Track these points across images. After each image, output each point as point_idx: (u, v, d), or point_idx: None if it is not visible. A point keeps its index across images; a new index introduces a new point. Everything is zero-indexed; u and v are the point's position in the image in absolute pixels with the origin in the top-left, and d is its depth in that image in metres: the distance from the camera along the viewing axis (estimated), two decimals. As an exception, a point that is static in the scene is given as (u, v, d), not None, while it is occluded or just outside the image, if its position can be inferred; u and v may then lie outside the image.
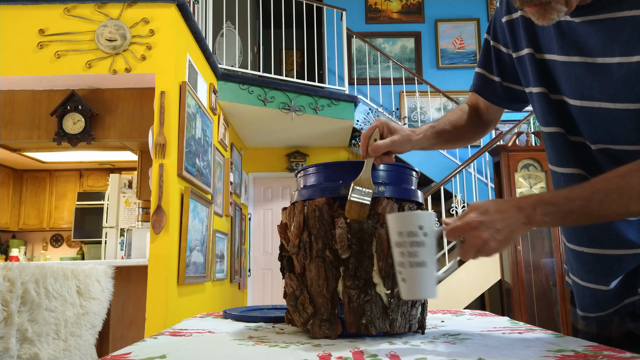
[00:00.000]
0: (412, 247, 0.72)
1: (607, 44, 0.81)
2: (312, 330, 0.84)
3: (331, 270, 0.83)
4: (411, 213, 0.75)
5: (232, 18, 5.46)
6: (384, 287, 0.82)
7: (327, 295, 0.83)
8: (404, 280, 0.74)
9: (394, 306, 0.82)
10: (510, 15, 0.99)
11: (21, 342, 1.07)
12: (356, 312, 0.81)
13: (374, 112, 5.74)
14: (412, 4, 6.88)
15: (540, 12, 0.79)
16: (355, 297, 0.81)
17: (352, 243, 0.82)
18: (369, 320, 0.81)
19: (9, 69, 3.12)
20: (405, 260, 0.73)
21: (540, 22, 0.81)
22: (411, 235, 0.72)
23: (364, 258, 0.82)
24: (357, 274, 0.82)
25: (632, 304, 0.90)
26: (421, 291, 0.73)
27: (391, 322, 0.82)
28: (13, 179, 6.25)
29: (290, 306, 0.89)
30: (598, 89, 0.84)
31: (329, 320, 0.82)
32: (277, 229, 0.95)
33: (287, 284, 0.90)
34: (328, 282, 0.83)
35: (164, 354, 0.69)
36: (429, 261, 0.72)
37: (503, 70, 1.07)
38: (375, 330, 0.81)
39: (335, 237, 0.82)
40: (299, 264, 0.87)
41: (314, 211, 0.85)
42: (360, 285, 0.81)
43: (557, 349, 0.70)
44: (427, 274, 0.72)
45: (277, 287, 6.23)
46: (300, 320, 0.86)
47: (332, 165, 0.91)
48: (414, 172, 0.94)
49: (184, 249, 3.14)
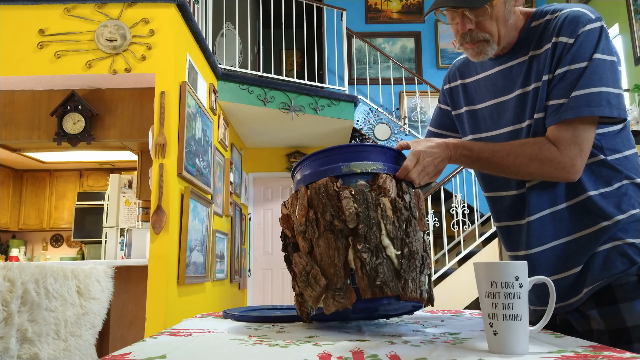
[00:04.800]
0: (507, 299, 0.70)
1: (524, 78, 1.08)
2: (325, 305, 0.85)
3: (341, 239, 0.85)
4: (507, 263, 0.71)
5: (232, 18, 5.46)
6: (394, 249, 0.84)
7: (339, 264, 0.84)
8: (495, 334, 0.70)
9: (405, 267, 0.84)
10: (449, 84, 1.28)
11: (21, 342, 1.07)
12: (369, 276, 0.82)
13: (374, 112, 5.74)
14: (412, 4, 6.87)
15: (476, 50, 1.07)
16: (367, 260, 0.82)
17: (358, 212, 0.85)
18: (383, 282, 0.82)
19: (9, 69, 3.12)
20: (498, 313, 0.70)
21: (476, 58, 1.09)
22: (506, 287, 0.70)
23: (372, 224, 0.85)
24: (367, 237, 0.84)
25: (575, 302, 1.05)
26: (515, 346, 0.69)
27: (403, 285, 0.84)
28: (13, 179, 6.25)
29: (300, 283, 0.89)
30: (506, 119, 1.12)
31: (342, 289, 0.83)
32: (279, 221, 0.98)
33: (297, 262, 0.91)
34: (339, 251, 0.85)
35: (164, 354, 0.69)
36: (524, 314, 0.70)
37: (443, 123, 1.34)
38: (390, 291, 0.82)
39: (342, 208, 0.86)
40: (306, 243, 0.89)
41: (318, 189, 0.88)
42: (372, 248, 0.83)
43: (557, 349, 0.70)
44: (522, 328, 0.69)
45: (277, 287, 6.23)
46: (312, 296, 0.86)
47: (329, 150, 0.95)
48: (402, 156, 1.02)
49: (184, 249, 3.14)
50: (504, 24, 1.06)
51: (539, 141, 1.02)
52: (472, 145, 1.06)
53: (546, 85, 1.03)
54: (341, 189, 0.87)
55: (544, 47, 1.05)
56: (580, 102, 0.97)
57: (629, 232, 1.01)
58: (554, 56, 1.02)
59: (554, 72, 1.02)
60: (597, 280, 1.02)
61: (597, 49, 0.99)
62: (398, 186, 0.92)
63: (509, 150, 1.03)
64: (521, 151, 1.02)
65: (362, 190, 0.88)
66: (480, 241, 4.89)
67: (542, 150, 1.00)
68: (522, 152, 1.01)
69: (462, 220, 5.05)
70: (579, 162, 0.99)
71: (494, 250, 4.80)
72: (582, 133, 0.99)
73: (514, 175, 1.06)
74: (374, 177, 0.90)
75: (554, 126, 1.01)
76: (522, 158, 1.01)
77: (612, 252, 1.01)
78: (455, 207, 5.02)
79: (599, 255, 1.02)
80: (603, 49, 0.99)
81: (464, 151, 1.05)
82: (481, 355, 0.68)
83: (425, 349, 0.72)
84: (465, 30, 1.05)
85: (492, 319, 0.71)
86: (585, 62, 0.98)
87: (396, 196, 0.90)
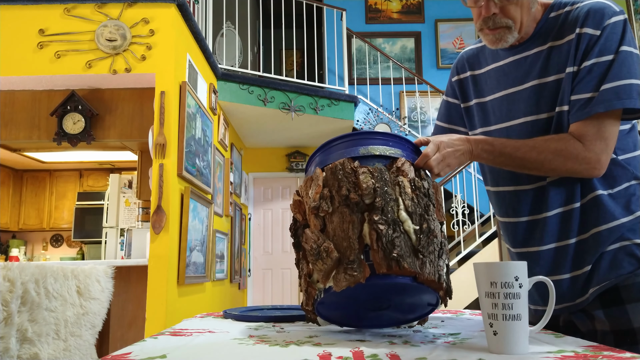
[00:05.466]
0: (506, 299, 0.70)
1: (541, 69, 1.06)
2: (336, 281, 0.79)
3: (356, 213, 0.80)
4: (507, 263, 0.71)
5: (232, 18, 5.46)
6: (412, 223, 0.80)
7: (353, 236, 0.79)
8: (495, 334, 0.70)
9: (423, 243, 0.80)
10: (458, 76, 1.26)
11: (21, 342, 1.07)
12: (385, 249, 0.77)
13: (374, 112, 5.74)
14: (412, 4, 6.87)
15: (496, 36, 1.04)
16: (384, 232, 0.77)
17: (376, 187, 0.81)
18: (400, 255, 0.77)
19: (9, 69, 3.12)
20: (498, 313, 0.70)
21: (494, 45, 1.07)
22: (506, 287, 0.70)
23: (389, 199, 0.81)
24: (384, 210, 0.79)
25: (581, 302, 1.04)
26: (515, 346, 0.69)
27: (421, 265, 0.79)
28: (13, 179, 6.24)
29: (310, 257, 0.83)
30: (520, 110, 1.10)
31: (355, 261, 0.78)
32: (290, 207, 0.94)
33: (307, 237, 0.84)
34: (353, 225, 0.79)
35: (164, 354, 0.69)
36: (524, 314, 0.70)
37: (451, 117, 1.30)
38: (407, 265, 0.77)
39: (359, 183, 0.81)
40: (318, 220, 0.83)
41: (334, 168, 0.84)
42: (389, 221, 0.79)
43: (557, 349, 0.70)
44: (522, 328, 0.70)
45: (277, 287, 6.23)
46: (323, 269, 0.80)
47: (347, 135, 0.91)
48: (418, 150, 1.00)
49: (184, 249, 3.14)
50: (528, 12, 1.04)
51: (563, 137, 1.00)
52: (494, 141, 1.04)
53: (570, 78, 1.01)
54: (358, 167, 0.84)
55: (565, 38, 1.03)
56: (610, 95, 0.96)
57: (636, 233, 1.01)
58: (578, 48, 1.00)
59: (579, 65, 1.00)
60: (604, 280, 1.01)
61: (623, 41, 0.97)
62: (416, 173, 0.88)
63: (532, 146, 1.01)
64: (545, 147, 1.00)
65: (380, 169, 0.84)
66: (480, 241, 4.89)
67: (567, 145, 0.98)
68: (546, 147, 1.00)
69: (462, 220, 5.05)
70: (605, 157, 0.98)
71: (494, 250, 4.80)
72: (608, 128, 0.97)
73: (537, 172, 1.04)
74: (392, 161, 0.86)
75: (579, 122, 0.99)
76: (546, 153, 0.99)
77: (620, 252, 1.00)
78: (455, 207, 5.03)
79: (606, 256, 1.01)
80: (629, 41, 0.98)
81: (486, 146, 1.03)
82: (481, 355, 0.68)
83: (425, 349, 0.72)
84: (489, 14, 1.02)
85: (492, 319, 0.71)
86: (612, 54, 0.97)
87: (415, 177, 0.86)
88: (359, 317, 0.92)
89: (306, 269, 0.85)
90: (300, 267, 0.89)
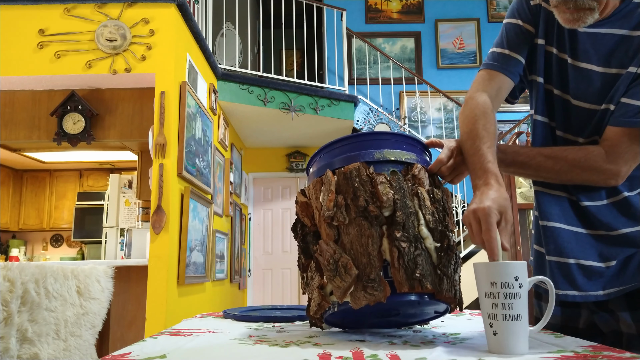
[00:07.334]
0: (506, 299, 0.70)
1: (607, 56, 0.95)
2: (354, 298, 0.76)
3: (375, 227, 0.77)
4: (506, 263, 0.70)
5: (232, 18, 5.46)
6: (433, 240, 0.78)
7: (373, 252, 0.76)
8: (495, 334, 0.70)
9: (444, 261, 0.78)
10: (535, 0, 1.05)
11: (21, 342, 1.07)
12: (407, 268, 0.75)
13: (374, 112, 5.73)
14: (412, 4, 6.87)
15: (575, 17, 0.90)
16: (406, 250, 0.75)
17: (395, 199, 0.78)
18: (422, 274, 0.75)
19: (9, 69, 3.12)
20: (498, 313, 0.70)
21: (570, 25, 0.92)
22: (506, 287, 0.70)
23: (410, 213, 0.78)
24: (405, 226, 0.77)
25: (602, 296, 0.98)
26: (514, 346, 0.69)
27: (439, 281, 0.77)
28: (13, 179, 6.24)
29: (328, 272, 0.79)
30: (594, 93, 0.98)
31: (375, 280, 0.75)
32: (296, 209, 0.90)
33: (323, 250, 0.81)
34: (373, 239, 0.76)
35: (164, 354, 0.69)
36: (523, 314, 0.70)
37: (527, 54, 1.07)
38: (429, 285, 0.75)
39: (377, 194, 0.78)
40: (332, 230, 0.80)
41: (348, 174, 0.80)
42: (411, 238, 0.76)
43: (556, 349, 0.70)
44: (522, 328, 0.69)
45: (277, 287, 6.23)
46: (341, 287, 0.77)
47: (357, 136, 0.88)
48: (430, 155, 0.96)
49: (184, 249, 3.14)
50: None
51: (584, 148, 0.95)
52: (507, 148, 0.99)
53: (629, 79, 0.92)
54: (375, 175, 0.80)
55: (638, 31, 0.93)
56: None
57: None
58: None
59: None
60: (631, 282, 0.96)
61: None
62: (430, 180, 0.86)
63: (548, 155, 0.96)
64: (563, 156, 0.95)
65: (398, 178, 0.81)
66: (480, 241, 4.89)
67: (587, 157, 0.93)
68: (563, 157, 0.95)
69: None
70: (626, 169, 0.93)
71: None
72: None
73: (553, 180, 1.00)
74: (407, 167, 0.84)
75: (618, 128, 0.92)
76: (562, 163, 0.95)
77: None
78: (455, 207, 5.02)
79: (635, 257, 0.96)
80: None
81: (498, 154, 0.95)
82: (481, 355, 0.68)
83: (425, 349, 0.72)
84: None
85: (491, 319, 0.71)
86: None
87: (431, 187, 0.84)
88: (362, 322, 0.92)
89: (319, 280, 0.83)
90: (309, 274, 0.87)
